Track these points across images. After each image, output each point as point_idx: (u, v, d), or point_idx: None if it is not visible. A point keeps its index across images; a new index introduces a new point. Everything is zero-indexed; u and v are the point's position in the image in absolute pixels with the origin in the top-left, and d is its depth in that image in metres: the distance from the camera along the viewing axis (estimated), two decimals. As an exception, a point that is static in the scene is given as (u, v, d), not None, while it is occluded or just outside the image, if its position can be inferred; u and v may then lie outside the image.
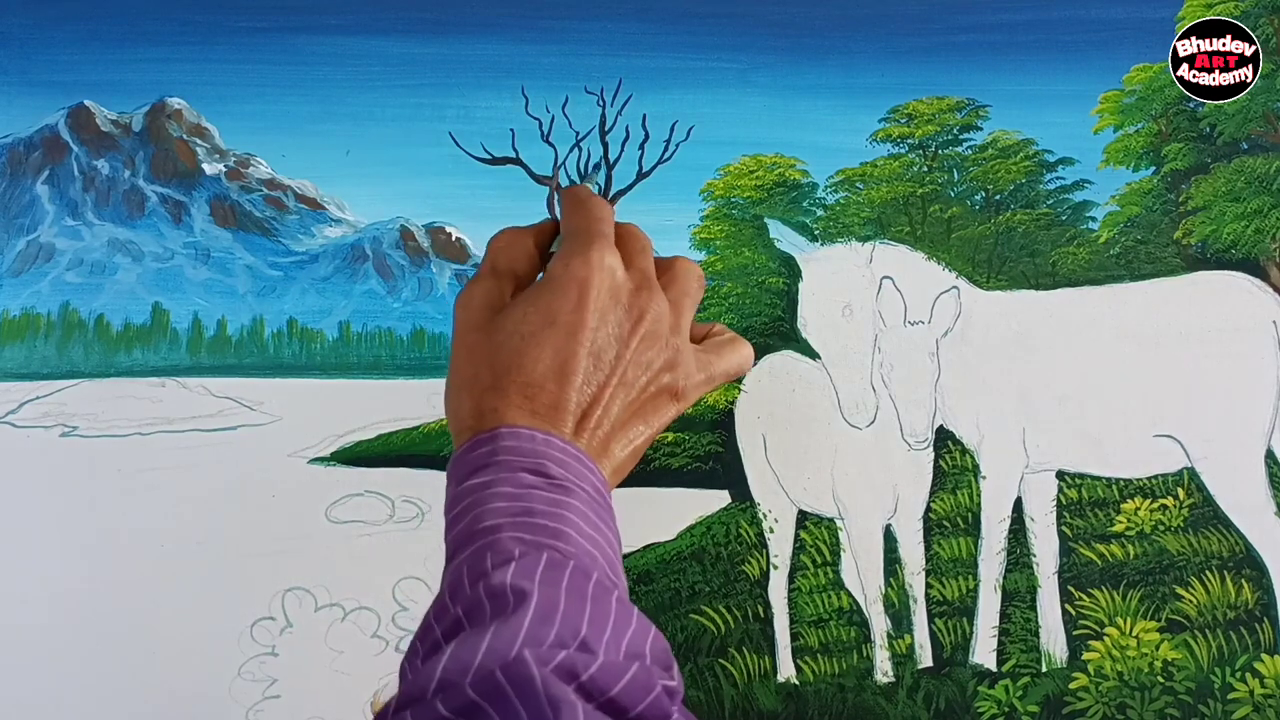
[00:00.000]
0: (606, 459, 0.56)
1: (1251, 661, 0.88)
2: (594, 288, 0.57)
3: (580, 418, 0.55)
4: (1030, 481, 0.92)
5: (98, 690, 0.89)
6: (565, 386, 0.55)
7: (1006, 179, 0.95)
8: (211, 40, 0.96)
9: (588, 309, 0.56)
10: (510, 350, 0.56)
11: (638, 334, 0.57)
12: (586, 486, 0.53)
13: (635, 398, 0.57)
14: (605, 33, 0.95)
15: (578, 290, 0.56)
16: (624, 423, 0.57)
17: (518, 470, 0.52)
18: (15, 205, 0.99)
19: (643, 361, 0.57)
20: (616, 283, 0.58)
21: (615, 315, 0.57)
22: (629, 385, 0.57)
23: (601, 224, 0.61)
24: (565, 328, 0.55)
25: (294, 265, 0.99)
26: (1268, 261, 0.93)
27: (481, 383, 0.55)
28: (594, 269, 0.57)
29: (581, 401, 0.55)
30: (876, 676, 0.91)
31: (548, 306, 0.56)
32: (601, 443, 0.56)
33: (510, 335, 0.56)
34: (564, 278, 0.57)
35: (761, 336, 0.94)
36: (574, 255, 0.58)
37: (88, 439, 0.94)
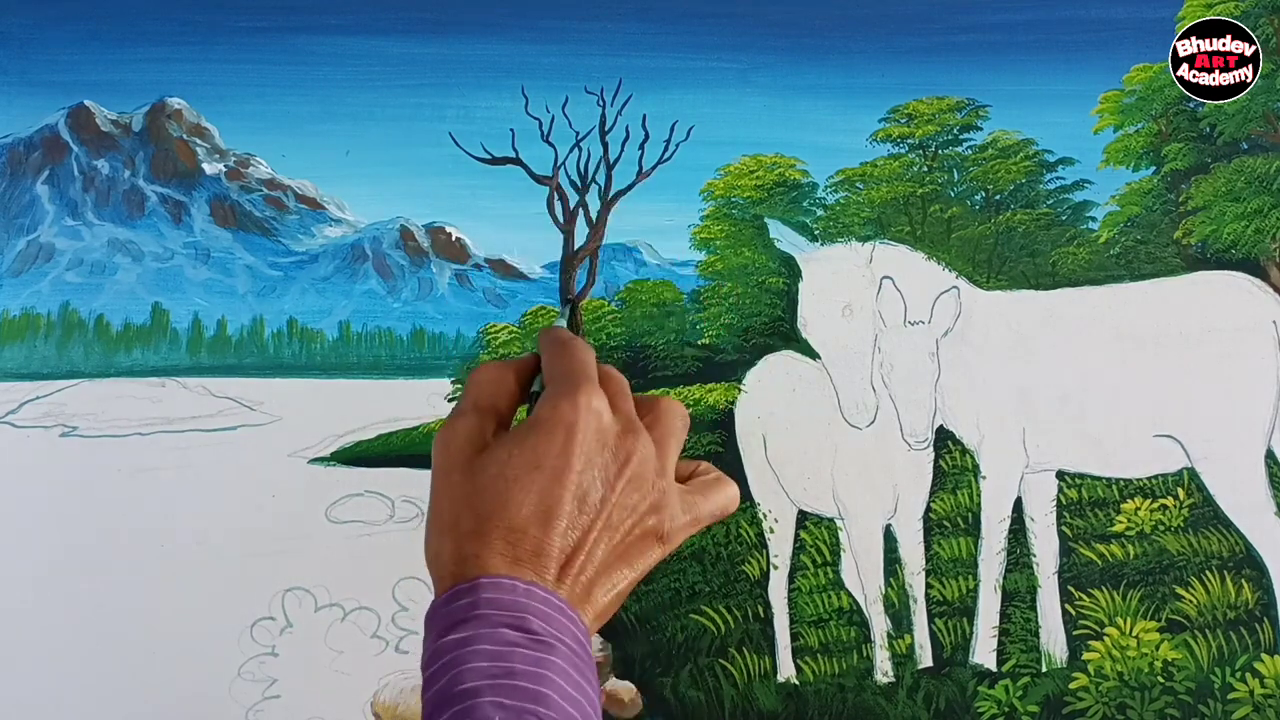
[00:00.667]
0: (589, 605, 0.56)
1: (1251, 661, 0.88)
2: (580, 431, 0.56)
3: (563, 564, 0.55)
4: (1030, 481, 0.92)
5: (98, 690, 0.89)
6: (549, 532, 0.54)
7: (1006, 179, 0.95)
8: (211, 40, 0.96)
9: (574, 453, 0.56)
10: (494, 494, 0.55)
11: (623, 477, 0.57)
12: (569, 640, 0.52)
13: (619, 541, 0.57)
14: (605, 33, 0.95)
15: (564, 433, 0.56)
16: (608, 567, 0.57)
17: (499, 625, 0.51)
18: (15, 205, 0.99)
19: (628, 505, 0.57)
20: (603, 426, 0.57)
21: (601, 458, 0.57)
22: (614, 529, 0.57)
23: (586, 367, 0.61)
24: (551, 472, 0.55)
25: (294, 265, 0.99)
26: (1268, 261, 0.93)
27: (463, 527, 0.55)
28: (581, 412, 0.57)
29: (565, 547, 0.55)
30: (876, 676, 0.91)
31: (533, 450, 0.56)
32: (584, 589, 0.55)
33: (494, 478, 0.55)
34: (551, 420, 0.57)
35: (761, 336, 0.94)
36: (561, 398, 0.57)
37: (88, 439, 0.94)
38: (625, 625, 0.91)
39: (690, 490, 0.63)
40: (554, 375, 0.60)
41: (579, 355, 0.62)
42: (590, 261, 0.95)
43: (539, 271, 0.96)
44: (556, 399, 0.57)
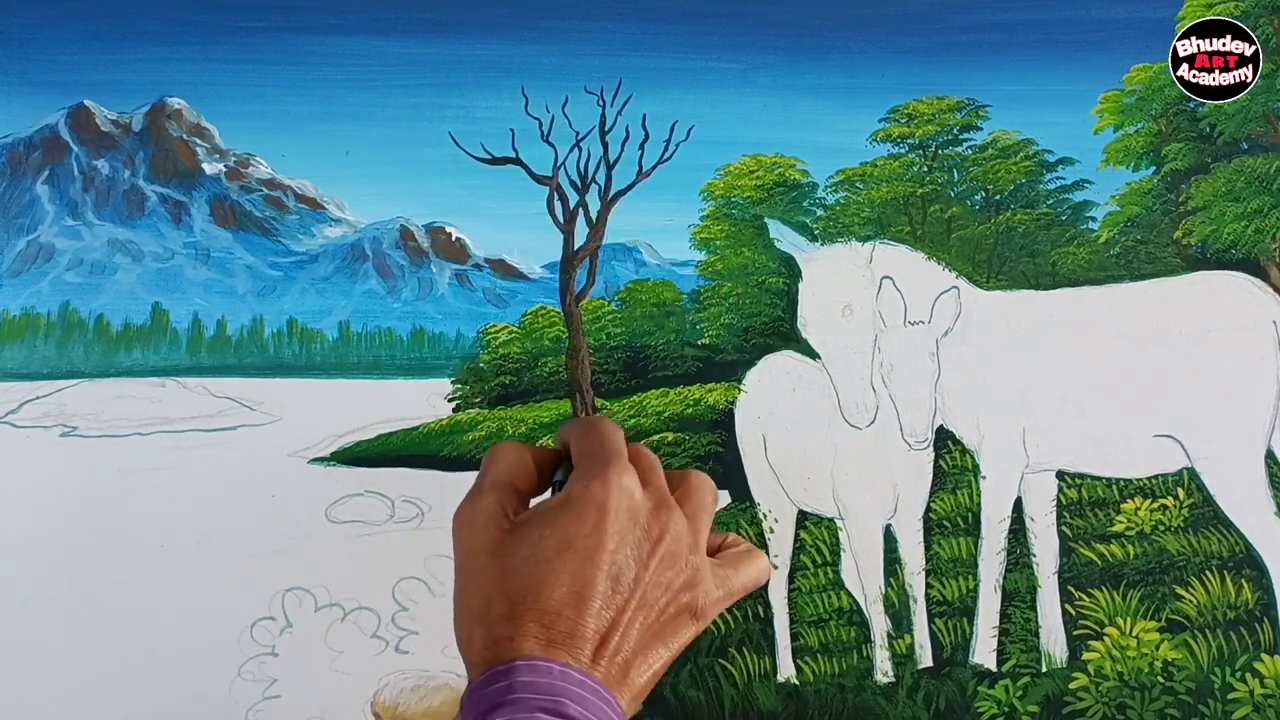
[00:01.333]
0: (625, 686, 0.55)
1: (1251, 661, 0.88)
2: (613, 509, 0.55)
3: (599, 644, 0.54)
4: (1030, 481, 0.92)
5: (98, 690, 0.89)
6: (583, 613, 0.53)
7: (1006, 179, 0.95)
8: (211, 40, 0.96)
9: (606, 531, 0.55)
10: (525, 577, 0.54)
11: (657, 554, 0.56)
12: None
13: (655, 620, 0.56)
14: (605, 33, 0.95)
15: (596, 512, 0.55)
16: (643, 647, 0.56)
17: (534, 709, 0.50)
18: (15, 205, 0.99)
19: (662, 582, 0.56)
20: (635, 504, 0.57)
21: (634, 536, 0.56)
22: (649, 607, 0.56)
23: (616, 445, 0.60)
24: (583, 552, 0.54)
25: (294, 265, 0.99)
26: (1268, 261, 0.93)
27: (494, 612, 0.54)
28: (612, 490, 0.56)
29: (600, 628, 0.54)
30: (876, 676, 0.91)
31: (564, 529, 0.55)
32: (620, 669, 0.55)
33: (525, 560, 0.55)
34: (582, 499, 0.56)
35: (761, 336, 0.94)
36: (592, 477, 0.57)
37: (87, 439, 0.94)
38: (625, 625, 0.91)
39: (722, 564, 0.62)
40: (583, 455, 0.59)
41: (608, 435, 0.61)
42: (590, 261, 0.95)
43: (539, 271, 0.96)
44: (587, 478, 0.57)
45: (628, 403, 0.94)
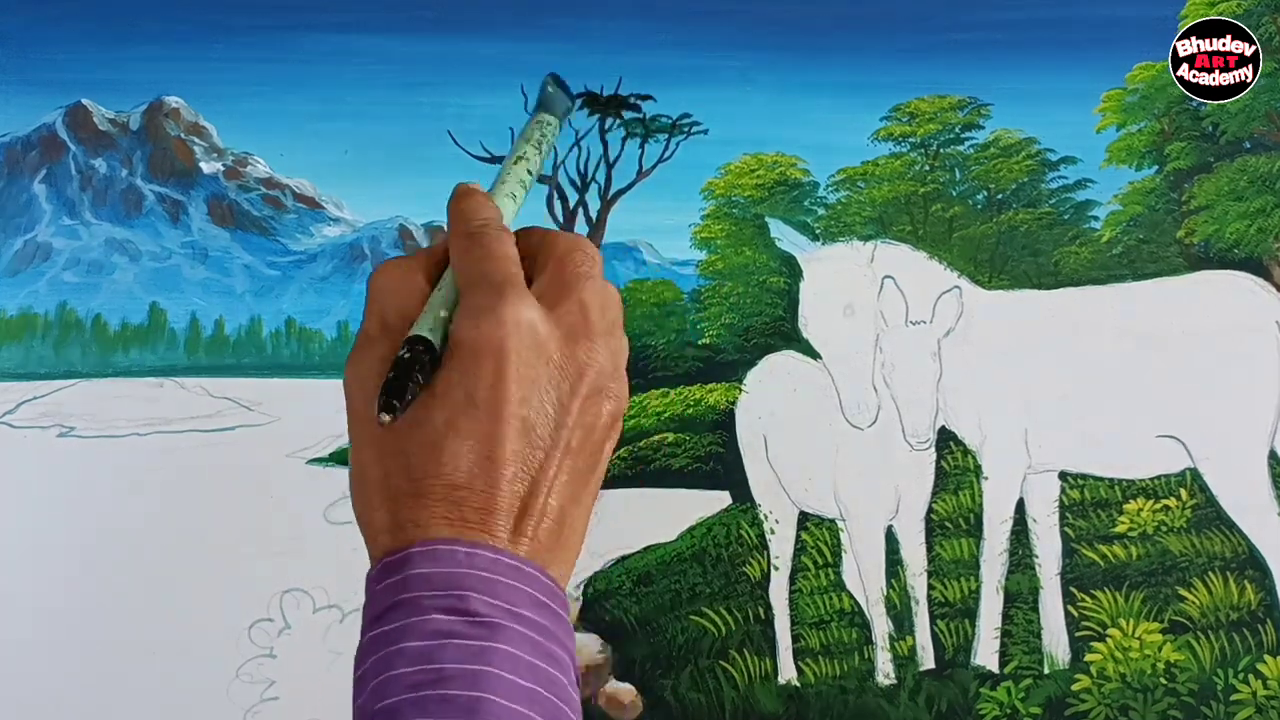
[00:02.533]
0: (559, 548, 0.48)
1: (1254, 663, 0.88)
2: (512, 351, 0.47)
3: (519, 515, 0.47)
4: (1032, 482, 0.92)
5: (96, 691, 0.89)
6: (496, 481, 0.46)
7: (1009, 178, 0.95)
8: (209, 39, 0.96)
9: (508, 379, 0.46)
10: (424, 446, 0.46)
11: (579, 394, 0.48)
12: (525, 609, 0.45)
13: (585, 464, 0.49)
14: (605, 31, 0.95)
15: (493, 359, 0.46)
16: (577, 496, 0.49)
17: (430, 611, 0.43)
18: (12, 205, 0.99)
19: (586, 423, 0.49)
20: (540, 337, 0.48)
21: (546, 376, 0.48)
22: (576, 453, 0.49)
23: (503, 263, 0.50)
24: (486, 408, 0.46)
25: (292, 265, 0.98)
26: (1270, 261, 0.92)
27: (394, 487, 0.47)
28: (508, 329, 0.47)
29: (518, 493, 0.47)
30: (878, 678, 0.90)
31: (460, 385, 0.47)
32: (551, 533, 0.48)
33: (420, 425, 0.47)
34: (473, 345, 0.47)
35: (762, 336, 0.94)
36: (480, 314, 0.47)
37: (85, 439, 0.94)
38: (625, 627, 0.91)
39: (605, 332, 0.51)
40: (467, 281, 0.50)
41: (494, 249, 0.51)
42: (590, 261, 0.95)
43: (539, 271, 0.96)
44: (475, 315, 0.48)
45: (628, 403, 0.94)
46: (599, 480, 0.50)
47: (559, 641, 0.45)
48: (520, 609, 0.44)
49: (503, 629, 0.43)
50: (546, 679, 0.44)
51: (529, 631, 0.44)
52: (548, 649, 0.45)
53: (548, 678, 0.44)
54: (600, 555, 0.91)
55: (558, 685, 0.44)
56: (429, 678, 0.42)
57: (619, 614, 0.91)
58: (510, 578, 0.45)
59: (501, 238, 0.51)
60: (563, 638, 0.46)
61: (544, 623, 0.45)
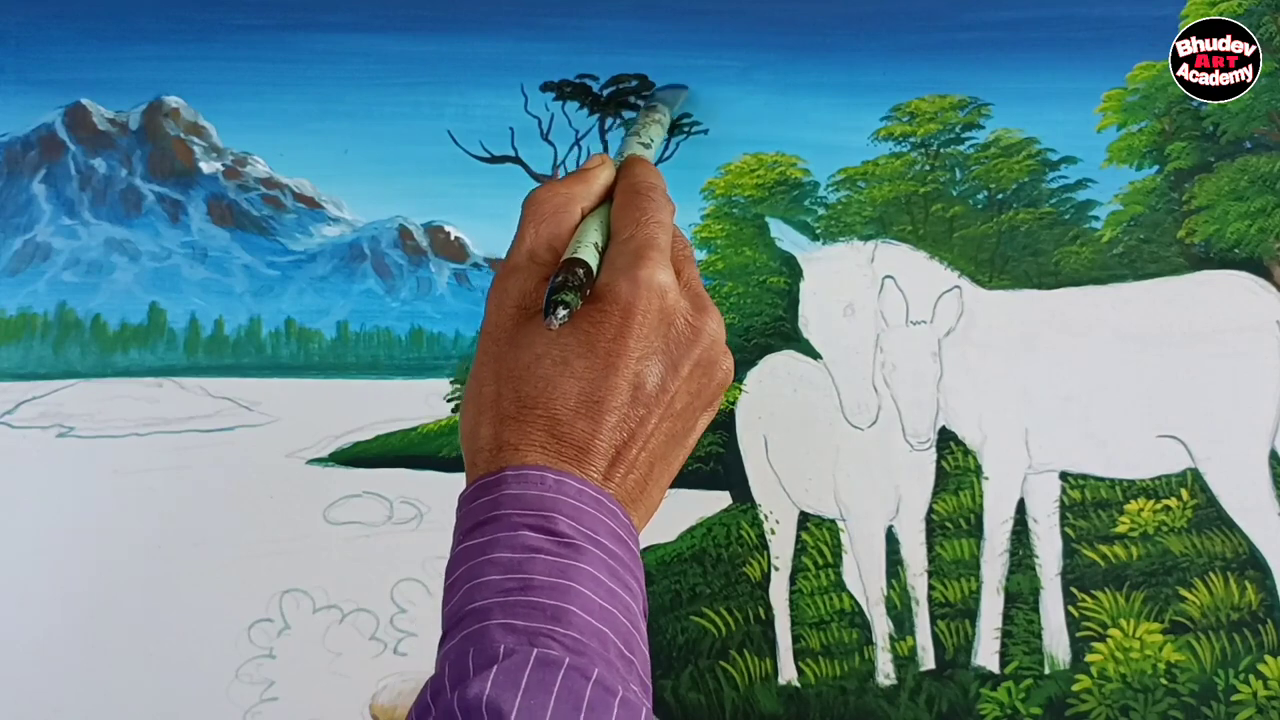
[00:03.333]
0: (641, 500, 0.51)
1: (1255, 663, 0.88)
2: (640, 312, 0.50)
3: (613, 459, 0.49)
4: (1033, 482, 0.91)
5: (94, 693, 0.89)
6: (598, 425, 0.49)
7: (1009, 178, 0.95)
8: (209, 38, 0.96)
9: (630, 335, 0.50)
10: (540, 376, 0.49)
11: (690, 360, 0.51)
12: (604, 538, 0.47)
13: (682, 428, 0.52)
14: (605, 30, 0.95)
15: (622, 315, 0.50)
16: (668, 457, 0.52)
17: (520, 528, 0.46)
18: (11, 205, 0.99)
19: (693, 390, 0.52)
20: (668, 305, 0.51)
21: (666, 341, 0.51)
22: (677, 416, 0.51)
23: (656, 228, 0.53)
24: (605, 358, 0.49)
25: (291, 265, 0.98)
26: (1272, 261, 0.92)
27: (503, 409, 0.49)
28: (641, 291, 0.50)
29: (616, 441, 0.49)
30: (878, 679, 0.90)
31: (586, 332, 0.50)
32: (638, 482, 0.50)
33: (540, 358, 0.49)
34: (607, 298, 0.50)
35: (763, 336, 0.94)
36: (620, 273, 0.51)
37: (84, 439, 0.94)
38: (625, 627, 0.91)
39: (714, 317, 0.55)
40: (623, 234, 0.53)
41: (652, 214, 0.54)
42: (590, 261, 0.95)
43: (538, 271, 0.96)
44: (617, 273, 0.51)
45: (628, 403, 0.94)
46: (690, 446, 0.54)
47: (633, 574, 0.48)
48: (601, 537, 0.47)
49: (585, 551, 0.46)
50: (622, 604, 0.46)
51: (608, 559, 0.47)
52: (624, 578, 0.47)
53: (623, 603, 0.46)
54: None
55: (631, 612, 0.47)
56: (518, 585, 0.44)
57: (619, 614, 0.91)
58: (593, 508, 0.47)
59: (663, 204, 0.55)
60: (636, 572, 0.49)
61: (620, 553, 0.48)
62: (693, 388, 0.52)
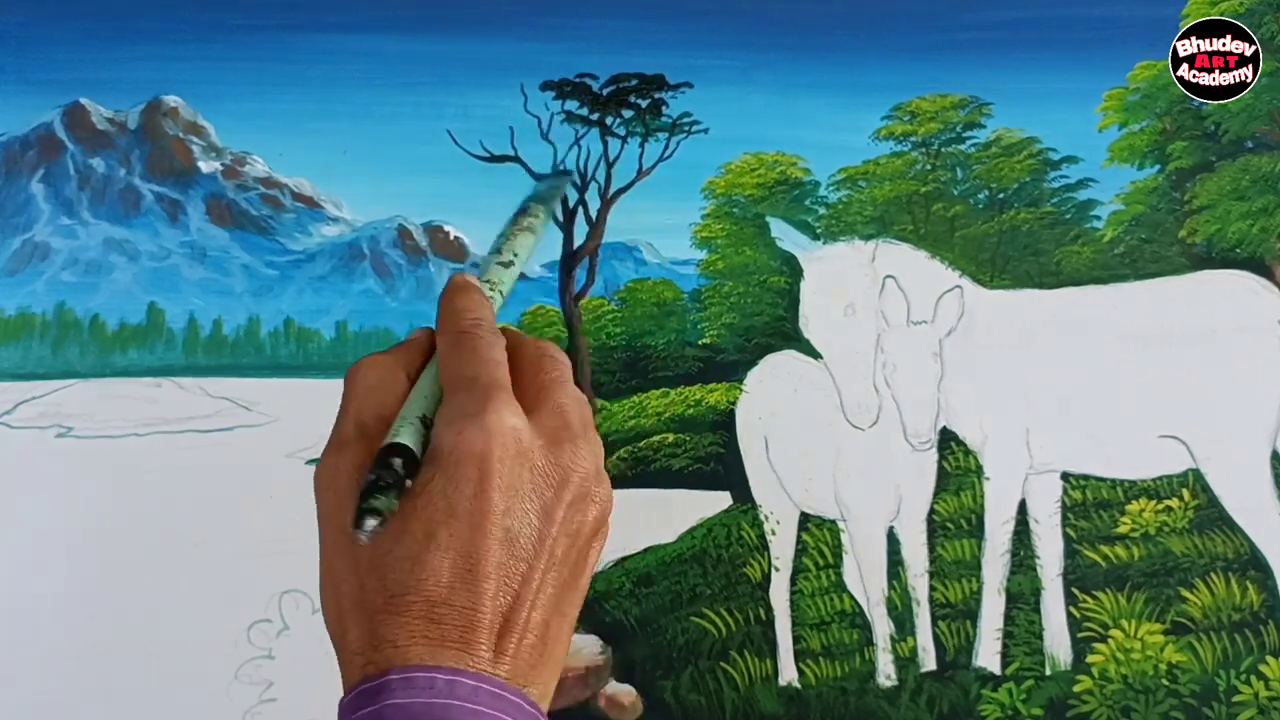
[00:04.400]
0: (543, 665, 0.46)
1: (1256, 664, 0.88)
2: (496, 461, 0.45)
3: (501, 631, 0.44)
4: (1034, 483, 0.91)
5: (94, 693, 0.89)
6: (478, 596, 0.44)
7: (1010, 177, 0.94)
8: (208, 38, 0.96)
9: (491, 489, 0.44)
10: (402, 558, 0.44)
11: (563, 501, 0.46)
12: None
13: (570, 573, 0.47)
14: (605, 30, 0.95)
15: (477, 468, 0.45)
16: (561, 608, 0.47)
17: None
18: (10, 204, 0.98)
19: (571, 530, 0.47)
20: (524, 446, 0.46)
21: (530, 484, 0.46)
22: (560, 563, 0.46)
23: (490, 367, 0.48)
24: (468, 518, 0.44)
25: (291, 264, 0.98)
26: (1273, 260, 0.92)
27: (370, 604, 0.44)
28: (493, 436, 0.45)
29: (500, 609, 0.44)
30: (879, 680, 0.90)
31: (442, 494, 0.44)
32: (534, 648, 0.45)
33: (397, 538, 0.44)
34: (456, 454, 0.45)
35: (763, 336, 0.94)
36: (465, 421, 0.46)
37: (83, 439, 0.93)
38: (626, 628, 0.91)
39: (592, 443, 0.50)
40: (451, 382, 0.48)
41: (483, 351, 0.49)
42: (590, 260, 0.95)
43: (538, 271, 0.96)
44: (460, 422, 0.46)
45: (628, 403, 0.94)
46: (584, 590, 0.49)
47: None
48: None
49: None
50: None
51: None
52: None
53: None
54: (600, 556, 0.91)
55: None
56: None
57: (619, 615, 0.91)
58: (491, 707, 0.43)
59: (492, 341, 0.50)
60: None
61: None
62: (570, 529, 0.47)
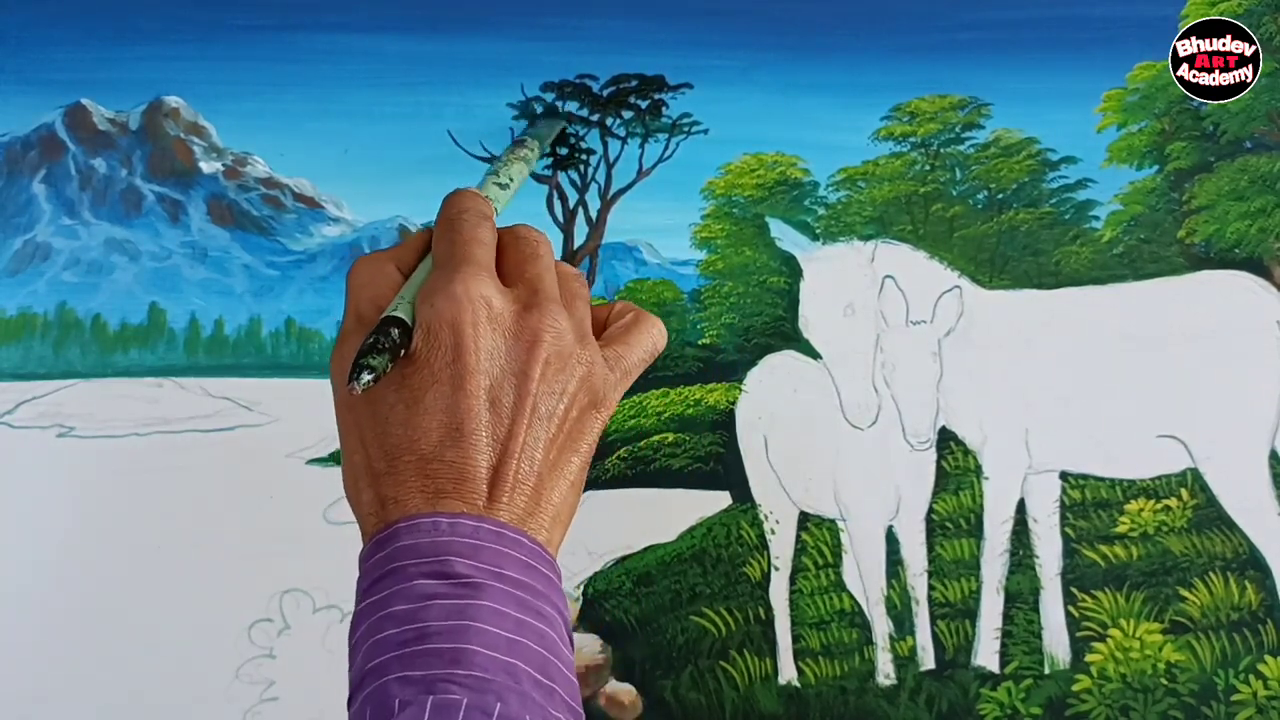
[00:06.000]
0: (539, 513, 0.49)
1: (1255, 663, 0.88)
2: (467, 324, 0.49)
3: (492, 481, 0.48)
4: (1033, 482, 0.91)
5: (93, 693, 0.89)
6: (466, 450, 0.47)
7: (1009, 178, 0.95)
8: (209, 38, 0.96)
9: (466, 352, 0.48)
10: (397, 423, 0.48)
11: (537, 360, 0.50)
12: (510, 570, 0.46)
13: (557, 430, 0.50)
14: (605, 30, 0.95)
15: (450, 333, 0.49)
16: (552, 463, 0.50)
17: (415, 578, 0.45)
18: (12, 205, 0.98)
19: (555, 390, 0.50)
20: (495, 311, 0.50)
21: (504, 347, 0.49)
22: (546, 420, 0.50)
23: (469, 246, 0.52)
24: (450, 381, 0.48)
25: (292, 264, 0.98)
26: (1272, 261, 0.92)
27: (376, 468, 0.49)
28: (461, 304, 0.49)
29: (490, 462, 0.48)
30: (878, 679, 0.90)
31: (424, 361, 0.49)
32: (529, 498, 0.49)
33: (392, 405, 0.49)
34: (432, 322, 0.49)
35: (763, 336, 0.94)
36: (435, 293, 0.50)
37: (84, 439, 0.93)
38: (625, 627, 0.91)
39: (611, 341, 0.55)
40: (436, 263, 0.52)
41: (462, 233, 0.53)
42: (590, 261, 0.95)
43: (538, 271, 0.96)
44: (431, 294, 0.50)
45: (628, 403, 0.94)
46: (584, 450, 0.52)
47: (547, 599, 0.46)
48: (506, 570, 0.46)
49: (486, 588, 0.45)
50: (535, 633, 0.45)
51: (514, 590, 0.45)
52: (535, 606, 0.46)
53: (536, 631, 0.45)
54: (600, 555, 0.91)
55: (547, 639, 0.45)
56: (414, 635, 0.43)
57: (619, 614, 0.91)
58: (493, 542, 0.46)
59: (477, 223, 0.54)
60: (552, 596, 0.47)
61: (531, 582, 0.46)
62: (553, 389, 0.50)
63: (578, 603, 0.91)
